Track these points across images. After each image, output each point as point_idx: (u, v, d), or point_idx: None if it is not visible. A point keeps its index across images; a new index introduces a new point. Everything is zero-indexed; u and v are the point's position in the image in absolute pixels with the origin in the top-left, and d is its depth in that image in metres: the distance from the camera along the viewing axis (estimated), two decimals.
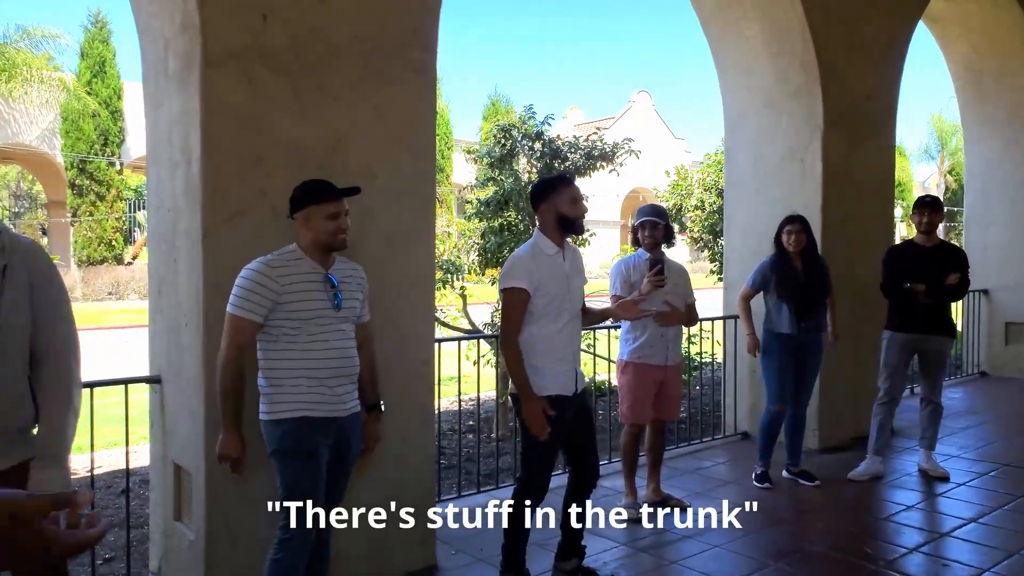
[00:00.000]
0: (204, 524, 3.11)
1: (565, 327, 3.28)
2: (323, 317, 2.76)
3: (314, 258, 2.80)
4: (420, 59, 3.64)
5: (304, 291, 2.73)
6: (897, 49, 6.45)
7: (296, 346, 2.73)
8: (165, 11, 3.25)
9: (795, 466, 5.09)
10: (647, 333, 4.26)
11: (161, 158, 3.42)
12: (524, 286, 3.21)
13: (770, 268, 4.87)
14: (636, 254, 4.37)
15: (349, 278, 2.90)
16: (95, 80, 23.45)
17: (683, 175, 10.24)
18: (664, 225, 4.28)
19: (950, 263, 4.93)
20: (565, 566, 3.52)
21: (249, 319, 2.69)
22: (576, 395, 3.33)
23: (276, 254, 2.79)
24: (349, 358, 2.84)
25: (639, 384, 4.30)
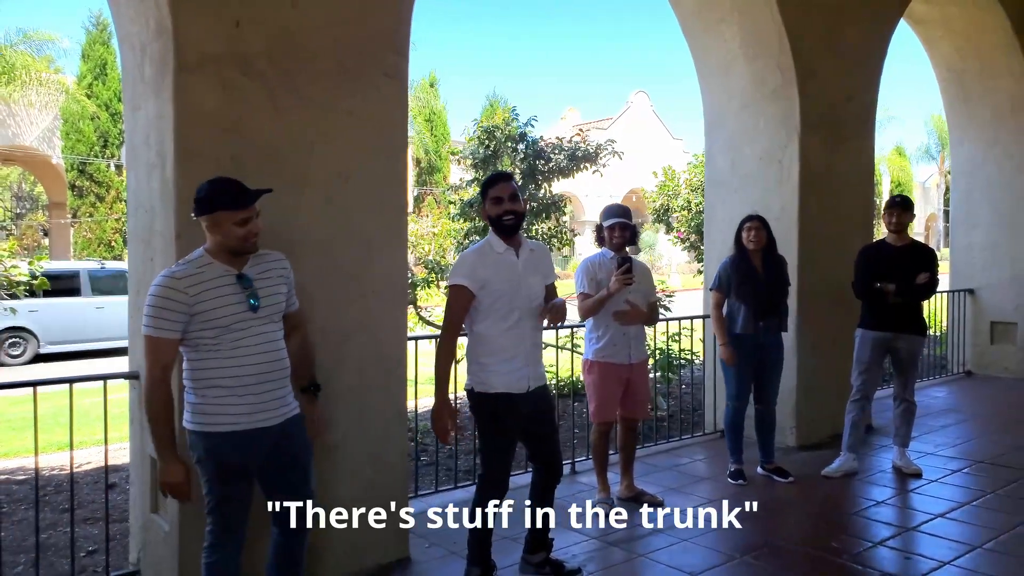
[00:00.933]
0: (178, 516, 3.19)
1: (516, 325, 3.33)
2: (242, 322, 2.65)
3: (224, 260, 2.69)
4: (393, 63, 3.73)
5: (216, 297, 2.62)
6: (877, 51, 6.53)
7: (218, 355, 2.63)
8: (141, 17, 3.34)
9: (769, 463, 5.17)
10: (609, 332, 4.35)
11: (139, 161, 3.51)
12: (466, 284, 3.28)
13: (731, 268, 4.97)
14: (600, 252, 4.46)
15: (267, 272, 2.78)
16: (96, 82, 23.54)
17: (670, 176, 10.31)
18: (632, 226, 4.38)
19: (920, 262, 5.01)
20: (532, 559, 3.61)
21: (165, 338, 2.58)
22: (530, 392, 3.38)
23: (182, 263, 2.69)
24: (277, 361, 2.75)
25: (604, 383, 4.39)
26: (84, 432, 6.10)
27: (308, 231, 3.46)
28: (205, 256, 2.70)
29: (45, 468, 5.76)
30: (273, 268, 2.83)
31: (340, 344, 3.57)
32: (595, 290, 4.31)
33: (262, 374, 2.70)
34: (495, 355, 3.32)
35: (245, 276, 2.71)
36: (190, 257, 2.72)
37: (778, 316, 4.98)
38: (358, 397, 3.65)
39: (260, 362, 2.70)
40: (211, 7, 3.18)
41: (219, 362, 2.65)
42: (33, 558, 3.83)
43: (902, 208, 5.05)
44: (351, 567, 3.65)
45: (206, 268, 2.67)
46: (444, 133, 31.26)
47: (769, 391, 5.09)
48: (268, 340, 2.74)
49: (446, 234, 7.34)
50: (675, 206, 9.95)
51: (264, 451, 2.76)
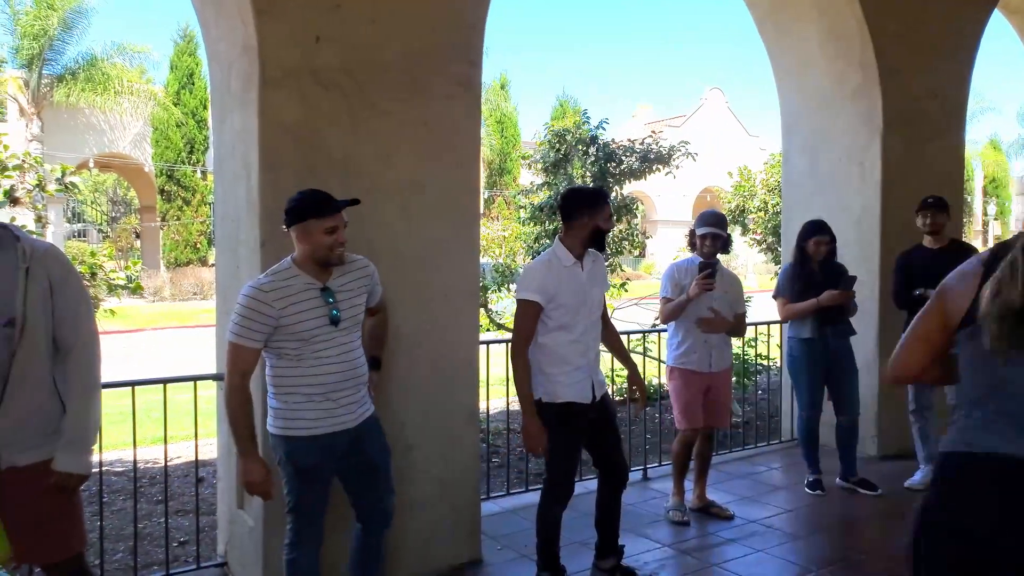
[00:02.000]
0: (262, 513, 3.33)
1: (581, 336, 3.35)
2: (323, 334, 2.74)
3: (310, 272, 2.77)
4: (466, 73, 3.80)
5: (300, 311, 2.71)
6: (966, 45, 6.26)
7: (300, 364, 2.74)
8: (228, 35, 3.51)
9: (852, 476, 4.98)
10: (689, 339, 4.30)
11: (225, 171, 3.68)
12: (535, 298, 3.29)
13: (793, 276, 4.86)
14: (689, 259, 4.41)
15: (350, 285, 2.87)
16: (183, 91, 24.68)
17: (746, 176, 10.11)
18: (726, 236, 4.31)
19: (959, 264, 4.73)
20: (603, 565, 3.61)
21: (248, 347, 2.68)
22: (594, 402, 3.40)
23: (270, 274, 2.77)
24: (354, 368, 2.84)
25: (687, 389, 4.32)
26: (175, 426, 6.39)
27: (383, 239, 3.55)
28: (292, 268, 2.78)
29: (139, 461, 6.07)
30: (356, 278, 2.91)
31: (413, 347, 3.66)
32: (678, 295, 4.28)
33: (340, 382, 2.80)
34: (561, 366, 3.34)
35: (328, 289, 2.79)
36: (277, 268, 2.81)
37: (844, 321, 4.84)
38: (431, 398, 3.73)
39: (338, 371, 2.79)
40: (293, 25, 3.31)
41: (300, 371, 2.76)
42: (131, 546, 4.06)
43: (936, 208, 4.80)
44: (423, 567, 3.73)
45: (292, 280, 2.75)
46: (514, 135, 31.44)
47: (848, 400, 4.91)
48: (347, 350, 2.83)
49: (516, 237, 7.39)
50: (751, 207, 9.75)
51: (341, 453, 2.87)
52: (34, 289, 2.33)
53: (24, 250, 2.34)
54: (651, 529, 4.31)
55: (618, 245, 7.47)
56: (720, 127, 35.77)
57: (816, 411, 4.90)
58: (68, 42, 22.51)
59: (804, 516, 4.53)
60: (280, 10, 3.27)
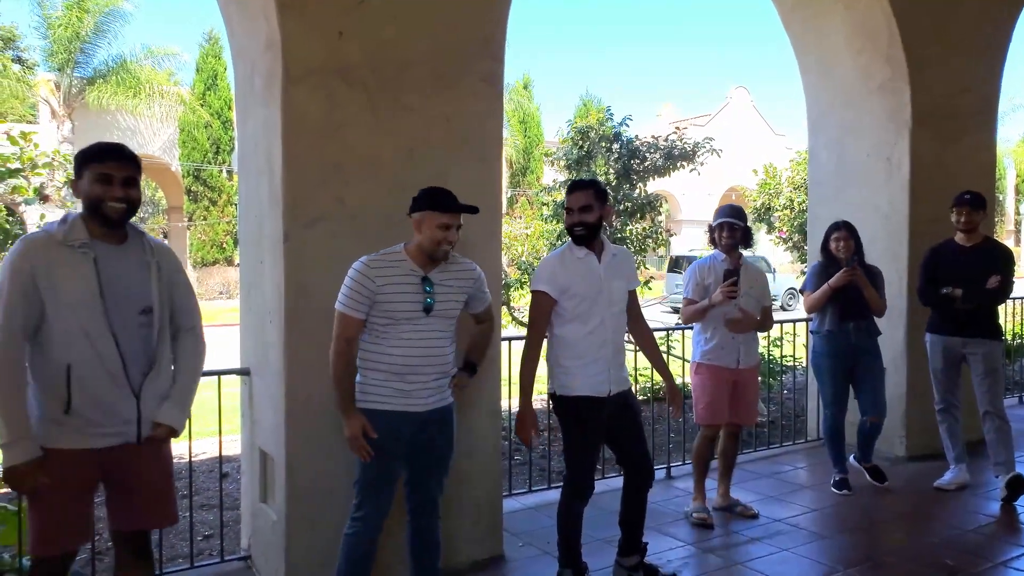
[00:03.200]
0: (285, 507, 3.36)
1: (597, 329, 3.33)
2: (413, 319, 2.89)
3: (417, 261, 2.93)
4: (489, 69, 3.79)
5: (397, 292, 2.87)
6: (998, 38, 6.14)
7: (383, 342, 2.89)
8: (251, 32, 3.53)
9: (866, 461, 4.98)
10: (718, 335, 4.25)
11: (249, 168, 3.70)
12: (546, 290, 3.32)
13: (820, 274, 4.81)
14: (712, 256, 4.36)
15: (450, 282, 2.99)
16: (208, 92, 24.92)
17: (771, 174, 10.00)
18: (743, 227, 4.25)
19: (991, 264, 4.63)
20: (626, 562, 3.59)
21: (352, 316, 2.87)
22: (613, 396, 3.37)
23: (380, 253, 2.94)
24: (435, 356, 2.94)
25: (712, 386, 4.28)
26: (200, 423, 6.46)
27: (406, 235, 3.54)
28: (401, 252, 2.95)
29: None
30: (459, 278, 3.04)
31: None
32: (701, 295, 4.24)
33: (417, 365, 2.91)
34: (577, 359, 3.33)
35: (428, 279, 2.92)
36: (389, 249, 2.97)
37: (867, 317, 4.78)
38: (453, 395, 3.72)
39: (418, 355, 2.91)
40: (316, 21, 3.33)
41: (383, 348, 2.91)
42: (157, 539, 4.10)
43: (972, 206, 4.67)
44: (446, 563, 3.69)
45: (398, 263, 2.91)
46: (537, 134, 31.39)
47: (873, 401, 4.81)
48: (432, 337, 2.94)
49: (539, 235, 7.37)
50: (776, 205, 9.64)
51: (408, 434, 2.95)
52: (160, 281, 2.62)
53: (151, 246, 2.64)
54: (675, 527, 4.28)
55: (641, 243, 7.43)
56: (745, 126, 35.42)
57: (839, 408, 4.84)
58: (100, 45, 22.86)
59: (830, 516, 4.47)
60: (303, 6, 3.28)
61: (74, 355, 2.43)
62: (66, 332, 2.42)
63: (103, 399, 2.48)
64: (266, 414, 3.57)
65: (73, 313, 2.42)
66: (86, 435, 2.47)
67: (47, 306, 2.41)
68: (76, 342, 2.43)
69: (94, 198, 2.49)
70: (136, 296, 2.55)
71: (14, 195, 4.50)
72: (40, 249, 2.43)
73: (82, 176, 2.51)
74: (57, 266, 2.42)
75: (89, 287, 2.44)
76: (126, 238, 2.60)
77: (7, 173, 4.29)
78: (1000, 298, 4.71)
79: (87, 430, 2.47)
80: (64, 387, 2.42)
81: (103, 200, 2.48)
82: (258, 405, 3.68)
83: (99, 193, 2.48)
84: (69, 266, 2.44)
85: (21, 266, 2.40)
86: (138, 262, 2.59)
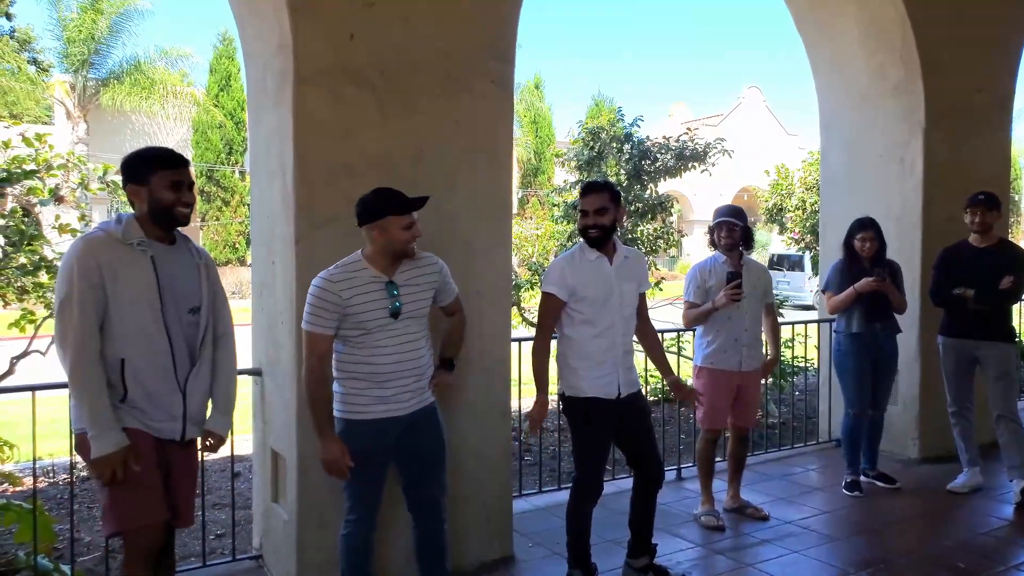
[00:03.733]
0: (296, 506, 3.38)
1: (607, 331, 3.33)
2: (385, 324, 2.87)
3: (378, 266, 2.90)
4: (499, 71, 3.80)
5: (365, 301, 2.84)
6: (1013, 37, 6.09)
7: (361, 351, 2.87)
8: (263, 34, 3.55)
9: (872, 470, 5.01)
10: (720, 339, 4.23)
11: (261, 169, 3.72)
12: (555, 291, 3.33)
13: (842, 271, 4.80)
14: (712, 257, 4.34)
15: (416, 280, 2.97)
16: (222, 93, 25.05)
17: (783, 174, 9.95)
18: (742, 227, 4.22)
19: (1005, 265, 4.59)
20: (636, 563, 3.59)
21: (320, 333, 2.84)
22: (623, 398, 3.37)
23: (339, 266, 2.90)
24: (412, 360, 2.93)
25: (714, 389, 4.26)
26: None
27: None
28: (361, 261, 2.91)
29: None
30: (424, 273, 3.00)
31: None
32: (702, 298, 4.23)
33: (396, 372, 2.91)
34: (585, 360, 3.34)
35: (393, 283, 2.90)
36: (346, 260, 2.93)
37: (892, 317, 4.78)
38: (462, 396, 3.73)
39: (396, 360, 2.90)
40: (327, 23, 3.35)
41: (360, 357, 2.89)
42: None
43: (986, 206, 4.63)
44: (456, 562, 3.71)
45: (359, 273, 2.88)
46: (549, 135, 31.39)
47: (882, 395, 4.89)
48: (407, 340, 2.92)
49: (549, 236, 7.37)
50: (789, 205, 9.60)
51: (393, 438, 2.96)
52: (208, 281, 2.75)
53: (196, 249, 2.78)
54: (685, 528, 4.27)
55: (652, 243, 7.41)
56: (758, 126, 35.31)
57: (862, 408, 4.81)
58: (114, 46, 23.04)
59: (841, 518, 4.45)
60: (314, 8, 3.30)
61: (129, 350, 2.54)
62: (124, 327, 2.53)
63: (155, 392, 2.60)
64: (277, 414, 3.59)
65: (133, 309, 2.53)
66: (142, 423, 2.59)
67: (109, 301, 2.51)
68: (133, 337, 2.54)
69: (167, 203, 2.59)
70: (187, 295, 2.67)
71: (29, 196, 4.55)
72: (103, 246, 2.52)
73: (147, 181, 2.59)
74: (120, 264, 2.52)
75: (149, 284, 2.56)
76: (175, 240, 2.72)
77: (22, 174, 4.35)
78: (1013, 299, 4.69)
79: (143, 419, 2.59)
80: (120, 380, 2.54)
81: (175, 205, 2.60)
82: (269, 405, 3.70)
83: (172, 199, 2.59)
84: (130, 264, 2.54)
85: (88, 263, 2.48)
86: (189, 262, 2.72)
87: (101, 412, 2.48)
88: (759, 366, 4.37)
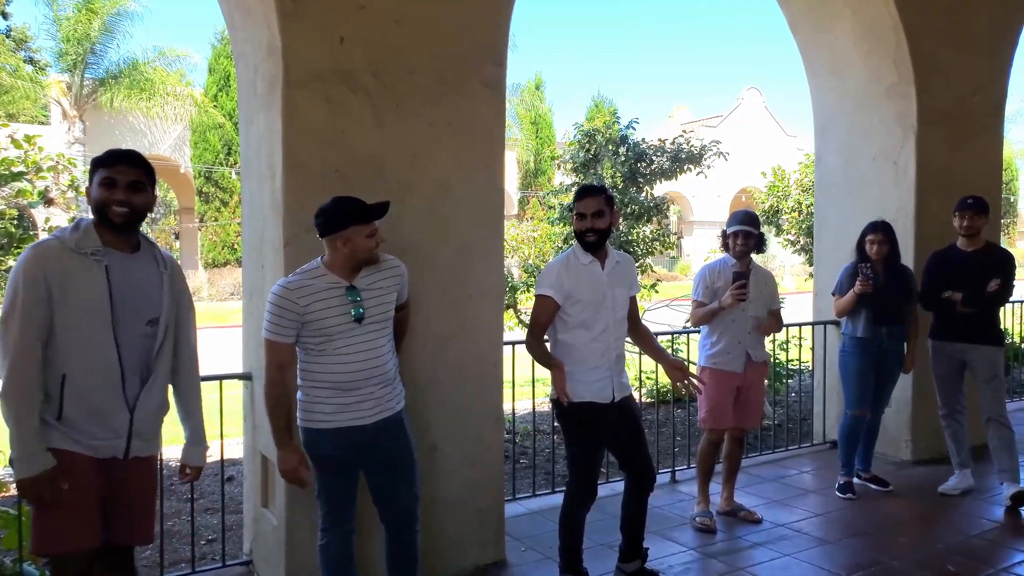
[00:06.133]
0: (285, 512, 3.36)
1: (601, 336, 3.33)
2: (346, 331, 2.81)
3: (338, 272, 2.84)
4: (492, 74, 3.79)
5: (324, 308, 2.78)
6: (1007, 40, 6.09)
7: (323, 359, 2.82)
8: (253, 37, 3.54)
9: (866, 472, 5.02)
10: (724, 340, 4.24)
11: (251, 173, 3.71)
12: (551, 294, 3.32)
13: (853, 274, 4.77)
14: (722, 259, 4.35)
15: (379, 284, 2.91)
16: (220, 93, 25.03)
17: (780, 176, 9.95)
18: (758, 235, 4.25)
19: (992, 268, 4.61)
20: (627, 568, 3.58)
21: (280, 342, 2.79)
22: (615, 402, 3.37)
23: (298, 273, 2.86)
24: (378, 366, 2.88)
25: (717, 390, 4.26)
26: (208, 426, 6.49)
27: (410, 239, 3.55)
28: (321, 267, 2.85)
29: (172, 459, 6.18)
30: (386, 277, 2.95)
31: (439, 347, 3.66)
32: (710, 298, 4.24)
33: (360, 379, 2.85)
34: (579, 364, 3.33)
35: (354, 288, 2.84)
36: (306, 267, 2.88)
37: (900, 323, 4.78)
38: (456, 399, 3.73)
39: (360, 368, 2.84)
40: (317, 26, 3.34)
41: (323, 365, 2.84)
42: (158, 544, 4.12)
43: (974, 210, 4.66)
44: (449, 567, 3.73)
45: (318, 279, 2.82)
46: (549, 136, 31.38)
47: (881, 399, 4.91)
48: (371, 347, 2.87)
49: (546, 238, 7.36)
50: (785, 207, 9.60)
51: (360, 448, 2.91)
52: (170, 294, 2.61)
53: (163, 258, 2.65)
54: (678, 532, 4.26)
55: (649, 245, 7.41)
56: (757, 127, 35.29)
57: (863, 410, 4.81)
58: (110, 46, 22.98)
59: (834, 520, 4.44)
60: (305, 11, 3.29)
61: (73, 364, 2.42)
62: (69, 341, 2.40)
63: (98, 408, 2.47)
64: (267, 419, 3.56)
65: (80, 322, 2.40)
66: (77, 441, 2.45)
67: (56, 314, 2.38)
68: (79, 351, 2.42)
69: (99, 201, 2.46)
70: (145, 306, 2.54)
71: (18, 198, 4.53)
72: (53, 256, 2.40)
73: (91, 181, 2.50)
74: (70, 274, 2.39)
75: (101, 296, 2.42)
76: (138, 247, 2.58)
77: (10, 176, 4.32)
78: (1001, 302, 4.70)
79: (77, 437, 2.46)
80: (58, 396, 2.41)
81: (107, 203, 2.45)
82: (260, 410, 3.67)
83: (103, 196, 2.46)
84: (82, 273, 2.41)
85: (35, 274, 2.37)
86: (151, 271, 2.58)
87: (27, 433, 2.36)
88: (762, 368, 4.39)
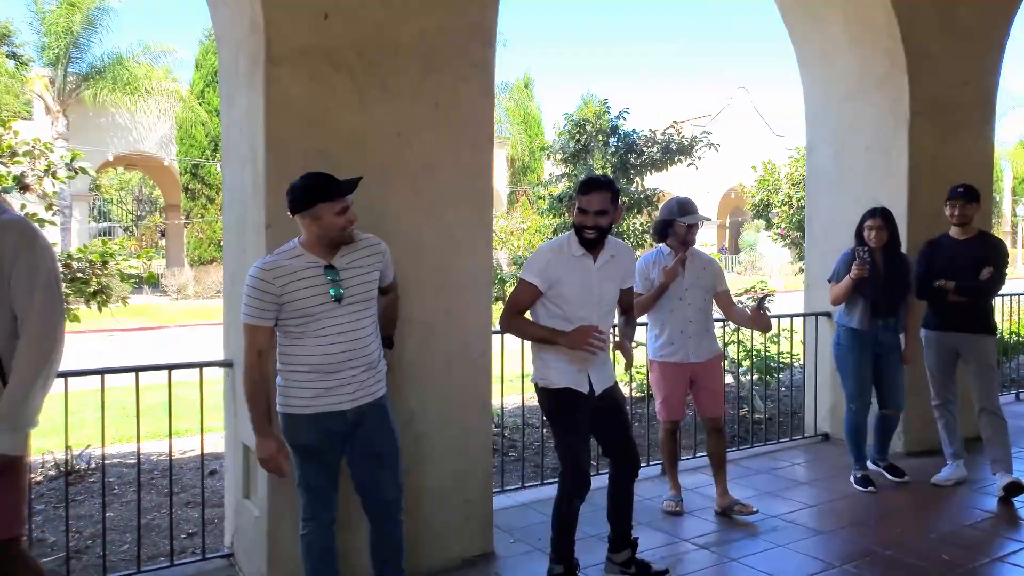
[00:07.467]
0: (267, 502, 3.27)
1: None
2: (325, 311, 2.72)
3: (316, 252, 2.75)
4: (480, 54, 3.71)
5: (302, 288, 2.70)
6: (998, 31, 6.06)
7: (303, 341, 2.73)
8: (236, 15, 3.45)
9: (883, 460, 4.98)
10: (666, 332, 4.23)
11: (233, 154, 3.62)
12: (535, 281, 3.23)
13: (849, 262, 4.69)
14: (657, 250, 4.33)
15: (359, 263, 2.82)
16: (208, 90, 24.79)
17: (770, 170, 9.93)
18: None
19: (985, 257, 4.58)
20: (617, 558, 3.51)
21: (259, 325, 2.71)
22: (596, 394, 3.30)
23: (274, 254, 2.78)
24: (359, 348, 2.78)
25: (665, 382, 4.29)
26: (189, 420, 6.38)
27: (395, 222, 3.46)
28: (297, 248, 2.77)
29: (153, 453, 6.06)
30: (366, 255, 2.85)
31: (426, 335, 3.58)
32: (647, 290, 4.20)
33: (342, 361, 2.75)
34: (559, 353, 3.25)
35: (332, 267, 2.74)
36: (282, 248, 2.80)
37: (896, 315, 4.72)
38: (443, 388, 3.64)
39: (341, 350, 2.75)
40: (301, 2, 3.24)
41: (302, 348, 2.74)
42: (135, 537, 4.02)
43: (965, 199, 4.61)
44: (435, 558, 3.65)
45: (295, 259, 2.73)
46: (538, 133, 31.36)
47: (894, 393, 4.81)
48: (352, 328, 2.77)
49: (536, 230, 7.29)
50: (775, 201, 9.58)
51: (340, 434, 2.82)
52: None
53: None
54: (669, 523, 4.20)
55: (639, 238, 7.35)
56: (746, 127, 35.34)
57: (863, 403, 4.76)
58: (93, 40, 22.70)
59: (827, 511, 4.39)
60: None
61: None
62: None
63: None
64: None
65: None
66: None
67: None
68: None
69: None
70: None
71: None
72: None
73: None
74: None
75: None
76: None
77: None
78: (993, 291, 4.67)
79: None
80: None
81: None
82: (241, 399, 3.57)
83: None
84: None
85: None
86: None
87: None
88: (712, 356, 4.31)
